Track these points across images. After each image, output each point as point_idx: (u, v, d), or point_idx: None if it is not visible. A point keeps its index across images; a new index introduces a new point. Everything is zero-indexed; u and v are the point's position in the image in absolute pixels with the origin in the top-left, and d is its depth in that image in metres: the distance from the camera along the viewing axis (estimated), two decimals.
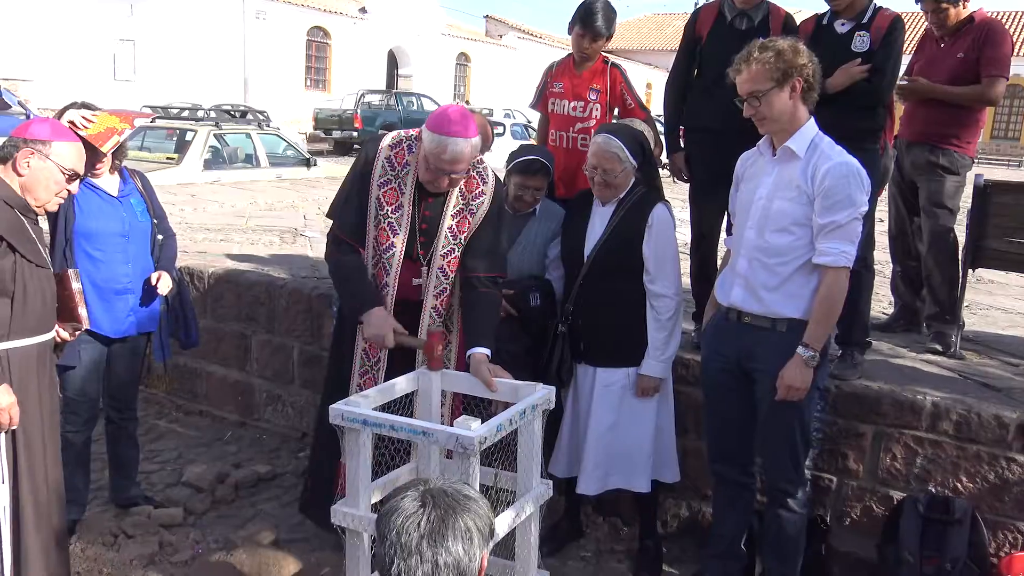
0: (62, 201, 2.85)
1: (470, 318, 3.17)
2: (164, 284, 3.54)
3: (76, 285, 2.90)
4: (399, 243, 3.12)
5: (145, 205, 3.61)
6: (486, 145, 3.78)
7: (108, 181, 3.49)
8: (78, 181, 2.81)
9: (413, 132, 3.15)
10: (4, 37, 22.75)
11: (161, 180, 9.08)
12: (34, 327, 2.70)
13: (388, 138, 3.17)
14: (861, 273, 3.42)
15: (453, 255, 3.17)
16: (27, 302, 2.65)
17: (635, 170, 3.29)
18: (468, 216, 3.16)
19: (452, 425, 2.56)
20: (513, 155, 3.67)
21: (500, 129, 18.39)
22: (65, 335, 2.92)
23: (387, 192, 3.11)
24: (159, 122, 11.19)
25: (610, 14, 3.92)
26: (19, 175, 2.66)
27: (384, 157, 3.11)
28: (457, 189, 3.14)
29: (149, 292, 3.55)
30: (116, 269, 3.46)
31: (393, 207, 3.11)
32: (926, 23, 4.28)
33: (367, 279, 3.16)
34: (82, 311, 2.92)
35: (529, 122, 21.57)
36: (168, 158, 10.57)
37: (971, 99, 4.07)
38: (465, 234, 3.16)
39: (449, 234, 3.15)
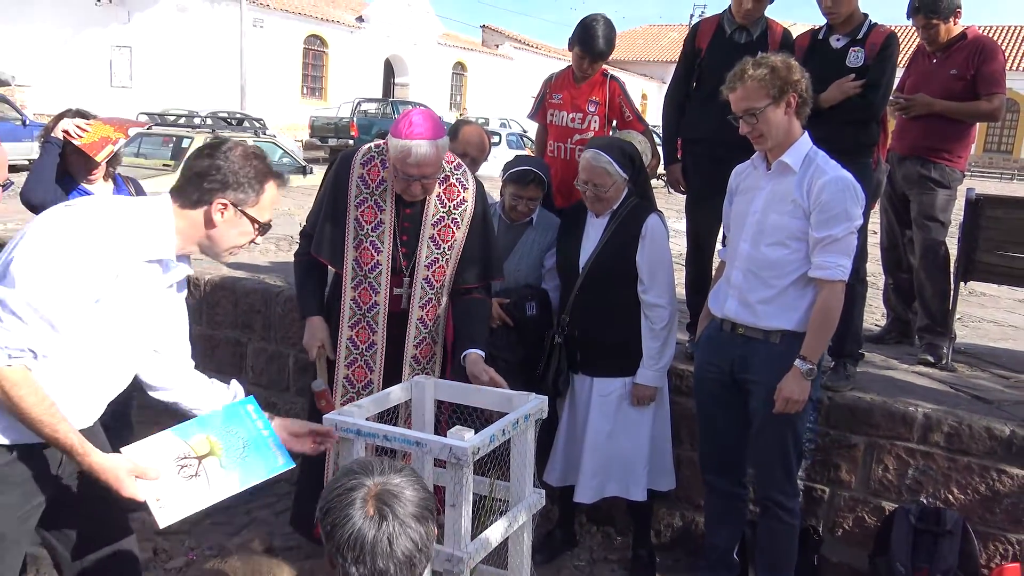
0: None
1: (462, 323, 3.16)
2: None
3: None
4: (384, 260, 3.08)
5: None
6: (483, 155, 3.81)
7: (102, 188, 3.50)
8: (0, 189, 2.61)
9: (383, 143, 3.09)
10: (4, 44, 22.82)
11: (157, 187, 9.08)
12: None
13: (359, 156, 3.11)
14: (854, 286, 3.44)
15: (437, 264, 3.12)
16: None
17: (626, 182, 3.31)
18: (452, 225, 3.11)
19: (444, 434, 2.57)
20: (508, 165, 3.70)
21: (496, 139, 18.45)
22: None
23: (365, 211, 3.06)
24: (155, 129, 11.21)
25: (610, 34, 3.94)
26: None
27: (357, 176, 3.07)
28: (435, 197, 3.09)
29: None
30: None
31: (373, 224, 3.06)
32: (918, 38, 4.34)
33: (313, 285, 3.21)
34: None
35: (525, 131, 21.66)
36: (164, 165, 10.59)
37: (974, 115, 4.12)
38: (450, 243, 3.12)
39: (432, 243, 3.10)
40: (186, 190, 2.10)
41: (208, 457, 2.20)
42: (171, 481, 2.12)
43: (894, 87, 3.88)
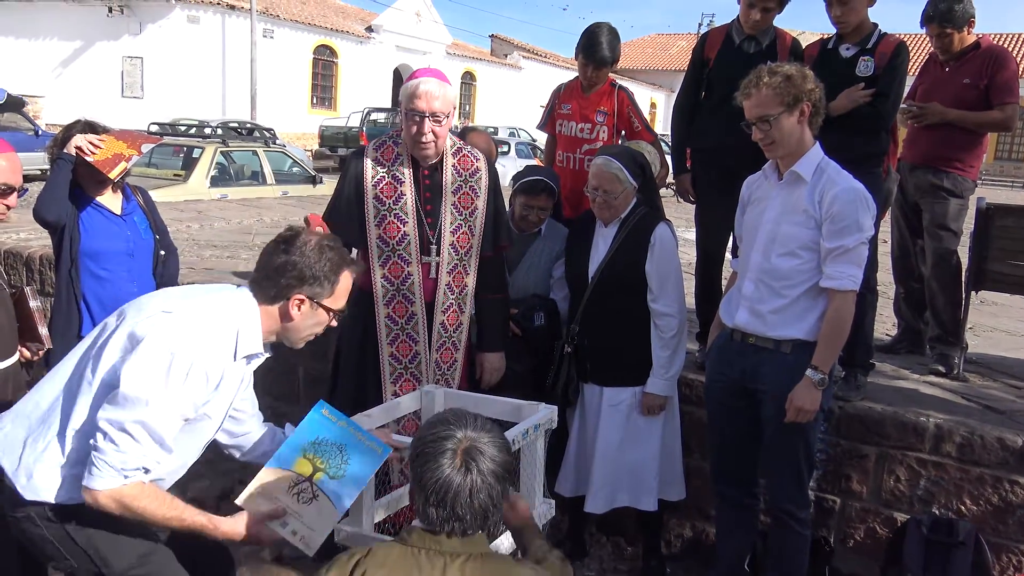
0: (4, 216, 2.66)
1: (480, 327, 3.33)
2: None
3: (34, 304, 2.76)
4: (411, 229, 3.14)
5: (148, 222, 3.63)
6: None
7: (111, 199, 3.50)
8: (15, 194, 2.65)
9: (392, 131, 3.24)
10: (17, 56, 23.02)
11: (168, 197, 9.15)
12: None
13: (371, 144, 3.25)
14: (864, 295, 3.43)
15: (461, 231, 3.20)
16: None
17: (635, 191, 3.31)
18: (471, 193, 3.21)
19: None
20: (518, 176, 3.71)
21: (505, 148, 18.47)
22: (27, 354, 2.83)
23: (383, 188, 3.14)
24: (166, 139, 11.27)
25: (613, 41, 3.96)
26: None
27: (372, 160, 3.17)
28: (451, 167, 3.18)
29: None
30: (122, 287, 3.47)
31: (394, 199, 3.13)
32: (930, 47, 4.33)
33: None
34: (43, 330, 2.81)
35: (534, 140, 21.69)
36: (175, 175, 10.64)
37: (987, 124, 4.10)
38: (471, 210, 3.20)
39: (455, 210, 3.18)
40: (263, 285, 2.16)
41: (316, 475, 2.22)
42: (297, 511, 2.17)
43: (905, 96, 3.87)
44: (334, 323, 2.29)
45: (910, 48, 3.65)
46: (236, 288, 2.22)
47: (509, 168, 13.01)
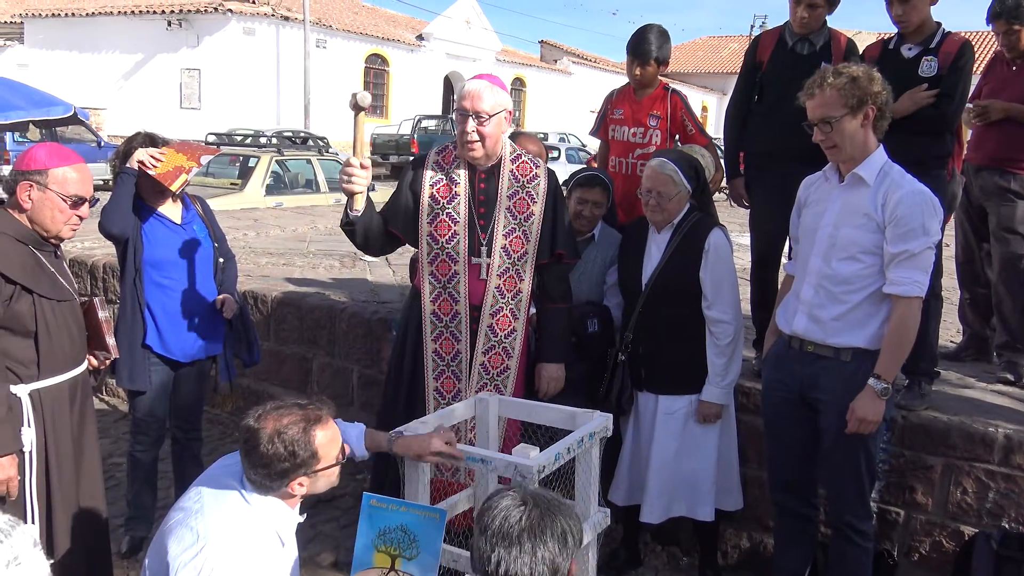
0: (78, 226, 2.73)
1: (540, 337, 3.36)
2: (229, 308, 3.62)
3: (103, 314, 2.84)
4: (462, 230, 3.18)
5: (207, 230, 3.70)
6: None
7: (171, 209, 3.58)
8: (87, 204, 2.71)
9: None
10: (81, 69, 23.77)
11: (225, 205, 9.33)
12: (63, 364, 2.67)
13: (434, 148, 3.33)
14: (929, 301, 3.33)
15: (515, 235, 3.21)
16: (52, 340, 2.61)
17: (689, 195, 3.28)
18: (527, 199, 3.23)
19: (509, 451, 2.57)
20: (573, 175, 3.72)
21: (555, 153, 18.45)
22: (95, 363, 2.91)
23: (440, 188, 3.20)
24: (223, 149, 11.51)
25: (661, 40, 3.93)
26: (24, 210, 2.60)
27: (433, 162, 3.25)
28: (508, 172, 3.21)
29: (214, 315, 3.64)
30: (184, 295, 3.56)
31: (448, 198, 3.19)
32: (996, 45, 4.21)
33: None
34: (110, 340, 2.89)
35: (584, 146, 21.63)
36: (232, 184, 10.86)
37: None
38: (526, 215, 3.22)
39: (508, 214, 3.20)
40: (262, 484, 2.16)
41: (396, 561, 2.27)
42: None
43: (970, 96, 3.76)
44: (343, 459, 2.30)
45: (975, 47, 3.54)
46: (242, 490, 2.19)
47: (560, 173, 12.99)
